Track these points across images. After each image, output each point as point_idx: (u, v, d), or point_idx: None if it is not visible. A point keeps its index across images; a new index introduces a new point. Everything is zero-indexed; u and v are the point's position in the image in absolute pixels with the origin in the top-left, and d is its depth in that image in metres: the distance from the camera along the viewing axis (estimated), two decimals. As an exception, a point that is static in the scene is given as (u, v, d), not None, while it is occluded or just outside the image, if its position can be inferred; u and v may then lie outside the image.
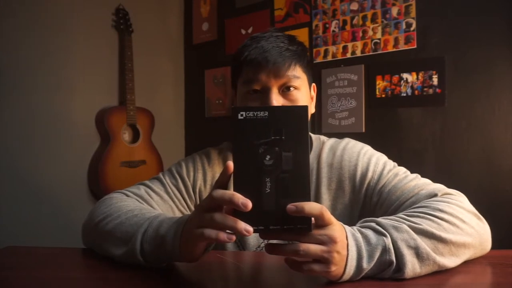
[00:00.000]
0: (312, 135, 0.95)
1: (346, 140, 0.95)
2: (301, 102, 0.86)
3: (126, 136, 2.36)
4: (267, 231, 0.52)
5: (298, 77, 0.85)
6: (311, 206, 0.52)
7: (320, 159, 0.92)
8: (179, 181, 0.92)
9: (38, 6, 2.07)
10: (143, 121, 2.41)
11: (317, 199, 0.89)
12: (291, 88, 0.85)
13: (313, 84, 0.96)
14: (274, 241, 0.56)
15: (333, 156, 0.91)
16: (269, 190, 0.52)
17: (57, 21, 2.15)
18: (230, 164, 0.53)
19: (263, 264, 0.76)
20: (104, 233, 0.74)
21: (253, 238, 0.89)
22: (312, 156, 0.93)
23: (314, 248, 0.53)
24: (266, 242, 0.56)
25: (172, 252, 0.63)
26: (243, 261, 0.78)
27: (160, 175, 0.94)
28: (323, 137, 0.99)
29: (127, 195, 0.86)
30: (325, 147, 0.93)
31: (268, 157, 0.52)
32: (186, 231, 0.60)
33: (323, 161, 0.91)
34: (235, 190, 0.52)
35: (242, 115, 0.52)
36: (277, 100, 0.83)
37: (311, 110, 0.95)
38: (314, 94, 0.96)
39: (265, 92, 0.84)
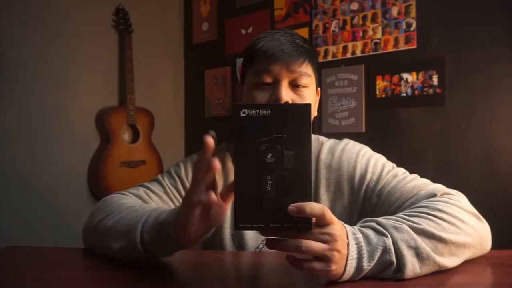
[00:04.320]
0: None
1: (345, 141, 0.94)
2: (309, 100, 0.86)
3: (126, 136, 2.36)
4: (268, 229, 0.52)
5: (309, 75, 0.86)
6: (312, 207, 0.51)
7: (318, 160, 0.92)
8: (178, 181, 0.92)
9: (38, 6, 2.07)
10: (143, 121, 2.41)
11: (316, 201, 0.89)
12: (301, 86, 0.85)
13: (318, 89, 0.96)
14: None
15: (332, 157, 0.91)
16: (270, 188, 0.52)
17: (57, 21, 2.15)
18: (209, 139, 0.54)
19: (262, 264, 0.76)
20: (105, 229, 0.74)
21: (252, 239, 0.89)
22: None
23: (316, 245, 0.53)
24: (264, 243, 0.56)
25: (169, 234, 0.62)
26: (242, 261, 0.78)
27: (159, 176, 0.94)
28: (322, 138, 0.98)
29: (126, 196, 0.86)
30: (324, 148, 0.93)
31: (269, 155, 0.52)
32: (181, 209, 0.60)
33: (321, 162, 0.91)
34: (236, 187, 0.52)
35: (244, 112, 0.52)
36: (286, 93, 0.83)
37: (314, 113, 0.94)
38: (318, 98, 0.96)
39: (275, 84, 0.84)
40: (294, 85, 0.85)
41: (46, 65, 2.10)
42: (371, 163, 0.87)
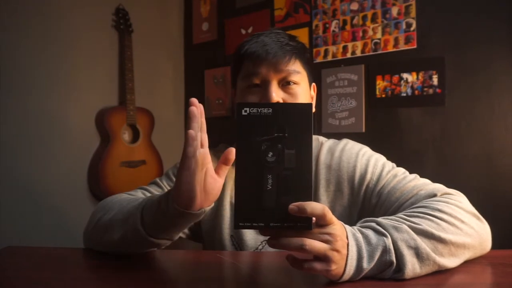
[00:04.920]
0: (311, 135, 0.95)
1: (345, 141, 0.94)
2: (301, 97, 0.85)
3: (126, 136, 2.36)
4: (268, 228, 0.52)
5: (298, 72, 0.86)
6: (313, 207, 0.51)
7: (318, 161, 0.92)
8: None
9: (38, 6, 2.07)
10: (143, 121, 2.41)
11: (315, 201, 0.88)
12: (291, 83, 0.85)
13: (313, 84, 0.96)
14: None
15: (332, 157, 0.91)
16: (270, 187, 0.52)
17: (57, 20, 2.15)
18: (194, 100, 0.59)
19: (262, 264, 0.76)
20: (106, 223, 0.74)
21: (251, 240, 0.88)
22: (311, 157, 0.93)
23: (319, 244, 0.53)
24: (264, 244, 0.57)
25: (166, 201, 0.62)
26: (242, 261, 0.78)
27: (157, 179, 0.95)
28: (321, 138, 0.98)
29: (125, 196, 0.86)
30: (323, 148, 0.93)
31: (270, 154, 0.52)
32: (177, 171, 0.62)
33: (321, 162, 0.91)
34: (236, 185, 0.52)
35: (246, 111, 0.52)
36: (277, 93, 0.83)
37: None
38: (314, 94, 0.96)
39: (265, 86, 0.84)
40: (284, 84, 0.85)
41: (46, 64, 2.10)
42: (371, 163, 0.86)
